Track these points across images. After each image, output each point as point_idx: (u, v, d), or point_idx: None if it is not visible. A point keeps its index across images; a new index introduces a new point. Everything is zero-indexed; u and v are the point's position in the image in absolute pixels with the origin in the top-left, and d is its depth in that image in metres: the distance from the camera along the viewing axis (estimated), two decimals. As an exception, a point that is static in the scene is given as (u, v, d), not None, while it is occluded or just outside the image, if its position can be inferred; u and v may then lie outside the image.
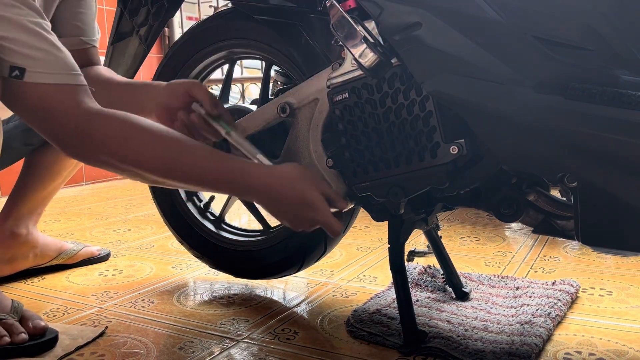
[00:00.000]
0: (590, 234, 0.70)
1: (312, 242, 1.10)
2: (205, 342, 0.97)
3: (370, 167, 0.87)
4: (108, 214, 2.17)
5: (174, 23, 3.39)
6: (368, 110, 0.85)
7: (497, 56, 0.71)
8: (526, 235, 1.66)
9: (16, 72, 0.78)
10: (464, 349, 0.88)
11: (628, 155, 0.65)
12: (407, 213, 0.92)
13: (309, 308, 1.13)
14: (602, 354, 0.90)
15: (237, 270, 1.23)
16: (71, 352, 0.94)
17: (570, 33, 0.68)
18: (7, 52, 0.78)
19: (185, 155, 0.83)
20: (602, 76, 0.66)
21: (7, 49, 0.77)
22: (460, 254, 1.48)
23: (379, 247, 1.57)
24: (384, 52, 0.79)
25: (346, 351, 0.93)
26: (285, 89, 1.06)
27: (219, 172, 0.84)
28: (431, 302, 1.10)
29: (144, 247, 1.64)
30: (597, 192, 0.68)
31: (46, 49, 0.80)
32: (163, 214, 1.29)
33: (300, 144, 0.96)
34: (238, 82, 3.12)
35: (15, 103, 0.82)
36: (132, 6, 1.03)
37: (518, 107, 0.70)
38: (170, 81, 0.98)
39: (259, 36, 1.08)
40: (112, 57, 1.08)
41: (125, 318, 1.09)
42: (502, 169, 0.82)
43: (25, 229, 1.33)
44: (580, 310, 1.08)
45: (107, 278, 1.35)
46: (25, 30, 0.79)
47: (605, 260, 1.39)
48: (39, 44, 0.79)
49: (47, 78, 0.79)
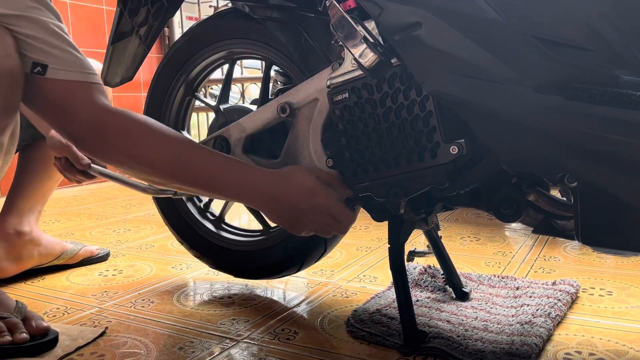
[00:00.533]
0: (590, 234, 0.70)
1: (312, 242, 1.10)
2: (205, 342, 0.97)
3: (370, 167, 0.87)
4: (108, 214, 2.17)
5: (174, 23, 3.39)
6: (368, 110, 0.85)
7: (497, 56, 0.71)
8: (526, 235, 1.66)
9: (38, 69, 0.81)
10: (464, 349, 0.88)
11: (628, 155, 0.65)
12: (407, 213, 0.92)
13: (309, 308, 1.13)
14: (602, 354, 0.90)
15: (237, 270, 1.23)
16: (71, 352, 0.94)
17: (570, 33, 0.68)
18: (31, 48, 0.81)
19: (195, 160, 0.86)
20: (603, 76, 0.66)
21: (30, 45, 0.81)
22: (460, 254, 1.48)
23: (379, 247, 1.57)
24: (384, 52, 0.78)
25: (346, 351, 0.93)
26: (285, 89, 1.06)
27: (229, 176, 0.86)
28: (431, 302, 1.10)
29: (144, 247, 1.64)
30: (597, 192, 0.68)
31: (67, 49, 0.84)
32: (163, 214, 1.29)
33: (300, 144, 0.96)
34: (238, 82, 3.12)
35: (34, 98, 0.85)
36: (132, 6, 1.03)
37: (518, 107, 0.70)
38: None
39: (259, 36, 1.08)
40: (112, 57, 1.08)
41: (125, 318, 1.09)
42: (502, 169, 0.82)
43: (28, 226, 1.33)
44: (581, 310, 1.08)
45: (107, 278, 1.35)
46: (48, 30, 0.82)
47: (605, 260, 1.39)
48: (60, 44, 0.83)
49: (68, 75, 0.83)
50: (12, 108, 0.83)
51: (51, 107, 0.84)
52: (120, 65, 1.11)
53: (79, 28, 2.98)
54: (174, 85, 1.22)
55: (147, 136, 0.84)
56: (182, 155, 0.85)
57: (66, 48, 0.83)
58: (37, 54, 0.81)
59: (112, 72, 1.11)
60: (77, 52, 0.85)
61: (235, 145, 1.05)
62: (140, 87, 3.31)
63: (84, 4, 3.01)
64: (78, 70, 0.84)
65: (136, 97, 3.30)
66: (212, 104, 1.17)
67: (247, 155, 1.04)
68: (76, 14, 2.98)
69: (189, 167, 0.85)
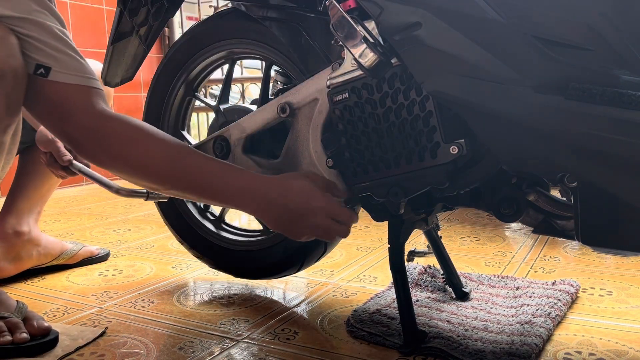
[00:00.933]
0: (590, 234, 0.70)
1: (312, 242, 1.10)
2: (205, 342, 0.97)
3: (370, 167, 0.87)
4: (108, 214, 2.17)
5: (174, 23, 3.39)
6: (368, 110, 0.85)
7: (497, 56, 0.71)
8: (526, 235, 1.66)
9: (41, 70, 0.82)
10: (464, 349, 0.88)
11: (628, 155, 0.65)
12: (407, 213, 0.92)
13: (309, 308, 1.13)
14: (602, 354, 0.90)
15: (237, 270, 1.23)
16: (71, 352, 0.94)
17: (570, 33, 0.68)
18: (34, 50, 0.82)
19: (192, 167, 0.85)
20: (603, 76, 0.66)
21: (34, 47, 0.82)
22: (460, 254, 1.48)
23: (379, 247, 1.57)
24: (384, 52, 0.78)
25: (346, 351, 0.93)
26: (285, 89, 1.06)
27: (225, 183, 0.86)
28: (431, 302, 1.10)
29: (144, 247, 1.64)
30: (597, 192, 0.68)
31: (70, 53, 0.84)
32: (163, 214, 1.29)
33: (300, 144, 0.96)
34: (238, 82, 3.12)
35: (35, 100, 0.85)
36: (132, 6, 1.03)
37: (518, 107, 0.70)
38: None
39: (259, 36, 1.08)
40: (112, 57, 1.08)
41: (125, 318, 1.09)
42: (502, 169, 0.82)
43: (27, 226, 1.33)
44: (580, 310, 1.08)
45: (107, 278, 1.35)
46: (52, 34, 0.83)
47: (605, 260, 1.39)
48: (64, 48, 0.84)
49: (69, 79, 0.83)
50: (14, 108, 0.83)
51: (51, 110, 0.84)
52: (121, 65, 1.11)
53: (79, 28, 2.98)
54: (174, 85, 1.22)
55: (145, 141, 0.85)
56: (179, 161, 0.85)
57: (69, 52, 0.84)
58: (41, 55, 0.82)
59: (112, 72, 1.11)
60: (79, 56, 0.86)
61: (235, 145, 1.05)
62: (140, 87, 3.31)
63: (84, 4, 3.01)
64: (79, 75, 0.84)
65: (136, 97, 3.30)
66: (212, 104, 1.17)
67: (247, 155, 1.04)
68: (76, 14, 2.98)
69: (185, 173, 0.85)
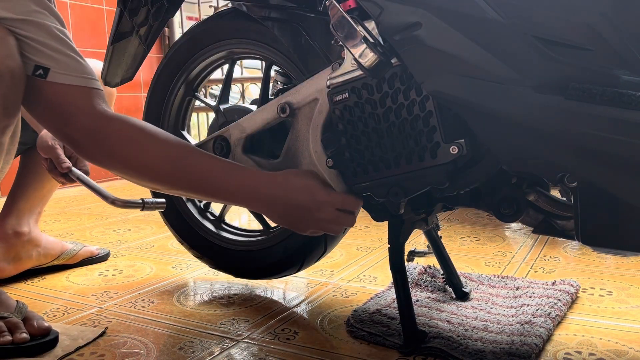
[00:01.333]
0: (590, 234, 0.70)
1: (312, 242, 1.10)
2: (205, 342, 0.97)
3: (370, 167, 0.87)
4: (108, 214, 2.17)
5: (174, 23, 3.39)
6: (368, 110, 0.85)
7: (497, 56, 0.71)
8: (526, 235, 1.66)
9: (40, 71, 0.82)
10: (464, 349, 0.88)
11: (628, 155, 0.65)
12: (407, 213, 0.92)
13: (309, 308, 1.13)
14: (602, 354, 0.90)
15: (237, 270, 1.23)
16: (71, 352, 0.94)
17: (570, 33, 0.68)
18: (33, 51, 0.81)
19: (194, 166, 0.86)
20: (603, 76, 0.66)
21: (33, 48, 0.81)
22: (460, 254, 1.48)
23: (379, 247, 1.57)
24: (384, 52, 0.78)
25: (346, 351, 0.93)
26: (285, 89, 1.06)
27: (228, 181, 0.86)
28: (431, 302, 1.10)
29: (144, 247, 1.64)
30: (597, 192, 0.68)
31: (69, 54, 0.84)
32: (163, 214, 1.29)
33: (300, 144, 0.96)
34: (238, 82, 3.12)
35: (34, 101, 0.85)
36: (132, 6, 1.03)
37: (518, 107, 0.70)
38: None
39: (259, 36, 1.08)
40: (112, 57, 1.08)
41: (125, 318, 1.09)
42: (502, 169, 0.82)
43: (27, 227, 1.33)
44: (580, 310, 1.08)
45: (107, 278, 1.35)
46: (51, 35, 0.82)
47: (605, 260, 1.39)
48: (63, 49, 0.83)
49: (69, 79, 0.83)
50: (12, 109, 0.83)
51: (51, 111, 0.84)
52: (121, 65, 1.11)
53: (79, 28, 2.98)
54: (174, 85, 1.22)
55: (146, 142, 0.85)
56: (181, 160, 0.85)
57: (69, 53, 0.84)
58: (40, 56, 0.81)
59: (112, 72, 1.11)
60: (79, 57, 0.85)
61: (235, 145, 1.05)
62: (140, 87, 3.31)
63: (84, 4, 3.01)
64: (79, 75, 0.84)
65: (136, 97, 3.30)
66: (212, 104, 1.17)
67: (247, 155, 1.04)
68: (76, 14, 2.98)
69: (187, 172, 0.85)
